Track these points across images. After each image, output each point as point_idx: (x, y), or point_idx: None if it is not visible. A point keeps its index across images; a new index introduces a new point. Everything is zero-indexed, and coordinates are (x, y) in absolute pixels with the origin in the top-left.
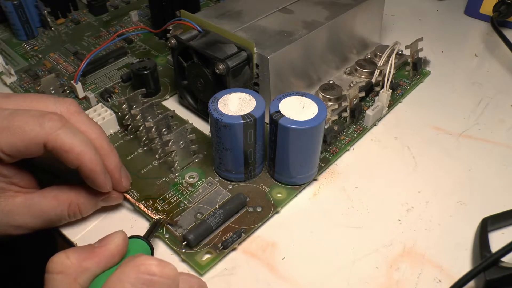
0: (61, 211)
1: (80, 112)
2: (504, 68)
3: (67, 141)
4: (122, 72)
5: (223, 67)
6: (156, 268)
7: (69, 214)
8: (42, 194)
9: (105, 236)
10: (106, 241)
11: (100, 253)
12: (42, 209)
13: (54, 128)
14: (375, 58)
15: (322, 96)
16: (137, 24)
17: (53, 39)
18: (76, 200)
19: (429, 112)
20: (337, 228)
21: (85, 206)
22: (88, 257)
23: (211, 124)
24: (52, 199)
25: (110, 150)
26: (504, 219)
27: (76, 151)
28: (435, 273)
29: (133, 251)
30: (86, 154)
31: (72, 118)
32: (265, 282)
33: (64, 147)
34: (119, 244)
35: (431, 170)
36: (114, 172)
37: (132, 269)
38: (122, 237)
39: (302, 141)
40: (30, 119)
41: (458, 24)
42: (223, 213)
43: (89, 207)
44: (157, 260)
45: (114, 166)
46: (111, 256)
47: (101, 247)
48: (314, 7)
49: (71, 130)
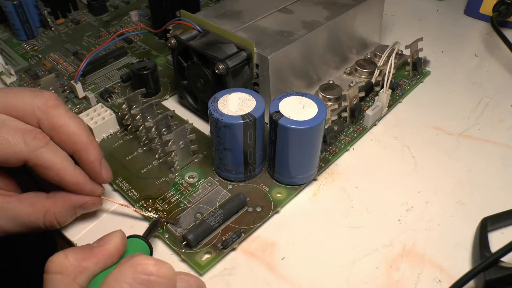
0: (36, 218)
1: (58, 106)
2: (504, 68)
3: (49, 158)
4: (122, 72)
5: (223, 67)
6: (153, 267)
7: (44, 222)
8: (19, 199)
9: (103, 235)
10: (105, 241)
11: (99, 253)
12: (18, 214)
13: (38, 146)
14: (375, 58)
15: (322, 96)
16: (137, 24)
17: (53, 39)
18: (52, 209)
19: (429, 112)
20: (337, 228)
21: (62, 215)
22: (87, 257)
23: (211, 124)
24: (28, 205)
25: (89, 143)
26: (504, 219)
27: (56, 168)
28: (435, 273)
29: (131, 250)
30: (67, 170)
31: (50, 112)
32: (265, 282)
33: (45, 164)
34: (117, 244)
35: (431, 170)
36: (94, 165)
37: (129, 269)
38: (121, 236)
39: (302, 141)
40: (16, 134)
41: (458, 24)
42: (223, 213)
43: (67, 216)
44: (154, 259)
45: (93, 159)
46: (110, 256)
47: (99, 247)
48: (314, 7)
49: (53, 148)
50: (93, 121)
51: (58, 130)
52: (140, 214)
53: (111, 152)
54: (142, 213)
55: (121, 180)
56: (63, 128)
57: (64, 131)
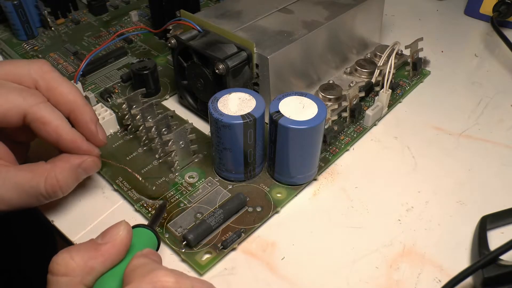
0: (36, 183)
1: (53, 70)
2: (504, 68)
3: (47, 114)
4: (122, 72)
5: (223, 67)
6: (173, 285)
7: (46, 188)
8: (18, 167)
9: (108, 228)
10: (110, 236)
11: (106, 252)
12: (18, 181)
13: (35, 101)
14: (375, 58)
15: (322, 96)
16: (137, 24)
17: (53, 39)
18: (53, 171)
19: (429, 112)
20: (337, 228)
21: (63, 177)
22: (94, 256)
23: (211, 124)
24: (27, 171)
25: (84, 104)
26: (503, 217)
27: (55, 124)
28: (435, 273)
29: (138, 243)
30: (64, 127)
31: (46, 75)
32: (265, 282)
33: (43, 119)
34: (123, 238)
35: (431, 170)
36: (90, 125)
37: (148, 285)
38: (127, 229)
39: (302, 141)
40: (14, 91)
41: (458, 24)
42: (223, 213)
43: (68, 178)
44: (174, 276)
45: (89, 119)
46: (117, 253)
47: (105, 244)
48: (314, 7)
49: (50, 106)
50: None
51: (55, 90)
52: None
53: (111, 152)
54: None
55: (121, 180)
56: (59, 88)
57: (60, 91)
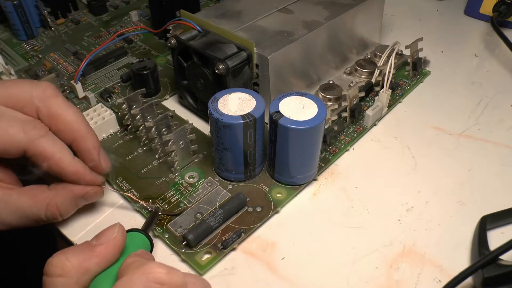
0: (37, 210)
1: (56, 95)
2: (504, 68)
3: (48, 149)
4: (122, 72)
5: (223, 67)
6: (165, 276)
7: (46, 214)
8: (20, 191)
9: (102, 231)
10: (105, 238)
11: (100, 253)
12: (19, 206)
13: (38, 136)
14: (375, 58)
15: (322, 96)
16: (137, 24)
17: (53, 39)
18: (54, 200)
19: (429, 112)
20: (337, 228)
21: (64, 206)
22: (88, 257)
23: (211, 124)
24: (29, 197)
25: (87, 132)
26: (503, 217)
27: (56, 158)
28: (435, 273)
29: (132, 246)
30: (66, 159)
31: (49, 102)
32: (265, 282)
33: (44, 154)
34: (118, 240)
35: (431, 170)
36: (92, 153)
37: (140, 277)
38: (121, 231)
39: (302, 141)
40: (14, 123)
41: (458, 24)
42: (223, 213)
43: (68, 207)
44: (166, 267)
45: (92, 147)
46: (112, 254)
47: (100, 245)
48: (314, 7)
49: (52, 138)
50: (93, 121)
51: (56, 119)
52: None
53: (111, 152)
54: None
55: (121, 180)
56: (61, 117)
57: (63, 119)
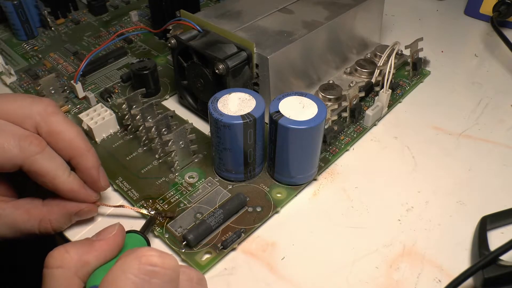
0: (31, 226)
1: (57, 113)
2: (504, 68)
3: (44, 166)
4: (122, 72)
5: (223, 67)
6: (158, 259)
7: (39, 229)
8: (15, 205)
9: (102, 229)
10: (104, 234)
11: (100, 247)
12: (13, 221)
13: (33, 152)
14: (375, 58)
15: (322, 96)
16: (137, 24)
17: (53, 39)
18: (48, 216)
19: (429, 112)
20: (337, 228)
21: (57, 222)
22: (88, 251)
23: (211, 124)
24: (23, 212)
25: (87, 150)
26: (504, 218)
27: (51, 175)
28: (435, 273)
29: (130, 245)
30: (61, 178)
31: (49, 119)
32: (265, 282)
33: (40, 171)
34: (117, 237)
35: (431, 170)
36: (91, 172)
37: (134, 260)
38: (120, 229)
39: (302, 141)
40: (11, 139)
41: (458, 24)
42: (223, 213)
43: (62, 223)
44: (158, 251)
45: (91, 166)
46: (110, 249)
47: (99, 240)
48: (314, 7)
49: (49, 155)
50: (93, 121)
51: (56, 136)
52: (139, 213)
53: (111, 152)
54: (139, 210)
55: (121, 180)
56: (61, 134)
57: (62, 137)
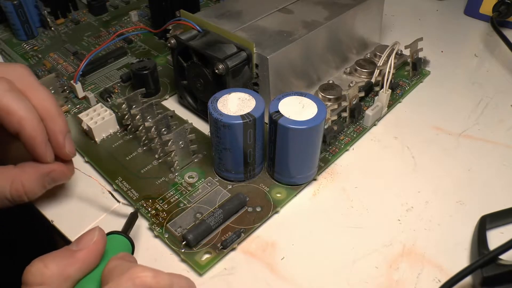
0: (2, 187)
1: (31, 75)
2: (504, 68)
3: (12, 103)
4: (122, 72)
5: (222, 67)
6: (152, 279)
7: (11, 192)
8: None
9: (81, 235)
10: (85, 243)
11: (80, 258)
12: None
13: (2, 89)
14: (374, 58)
15: (322, 96)
16: (137, 24)
17: (53, 39)
18: (19, 177)
19: (429, 112)
20: (337, 228)
21: (29, 184)
22: (69, 264)
23: (211, 124)
24: None
25: (57, 114)
26: (503, 217)
27: (19, 115)
28: (435, 273)
29: (113, 249)
30: (28, 120)
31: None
32: (265, 282)
33: (8, 108)
34: (98, 244)
35: (431, 170)
36: (58, 136)
37: (127, 282)
38: (101, 235)
39: (302, 141)
40: None
41: (458, 24)
42: (223, 213)
43: (35, 186)
44: (151, 271)
45: (59, 130)
46: (92, 258)
47: (80, 251)
48: (314, 7)
49: (18, 95)
50: (93, 121)
51: (29, 94)
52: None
53: (111, 152)
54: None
55: (121, 180)
56: (34, 93)
57: (35, 96)
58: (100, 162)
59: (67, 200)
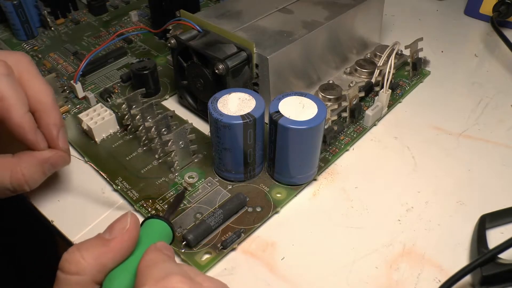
0: (1, 177)
1: (31, 64)
2: (504, 68)
3: (4, 89)
4: (121, 72)
5: (222, 67)
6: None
7: (11, 182)
8: None
9: (114, 222)
10: (118, 230)
11: (115, 248)
12: None
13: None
14: (374, 58)
15: (322, 96)
16: (137, 24)
17: (53, 39)
18: (18, 166)
19: (429, 112)
20: (337, 228)
21: (29, 172)
22: (103, 253)
23: (211, 124)
24: None
25: (52, 106)
26: (503, 216)
27: (8, 102)
28: (435, 273)
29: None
30: (16, 108)
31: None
32: (265, 282)
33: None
34: (131, 232)
35: (431, 170)
36: (51, 129)
37: None
38: (134, 222)
39: (302, 141)
40: None
41: (458, 24)
42: (223, 213)
43: (35, 174)
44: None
45: (53, 122)
46: (126, 248)
47: (114, 240)
48: (314, 7)
49: (13, 82)
50: (93, 121)
51: (26, 83)
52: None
53: (111, 152)
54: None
55: (121, 180)
56: (31, 82)
57: (32, 86)
58: (100, 162)
59: (67, 200)
